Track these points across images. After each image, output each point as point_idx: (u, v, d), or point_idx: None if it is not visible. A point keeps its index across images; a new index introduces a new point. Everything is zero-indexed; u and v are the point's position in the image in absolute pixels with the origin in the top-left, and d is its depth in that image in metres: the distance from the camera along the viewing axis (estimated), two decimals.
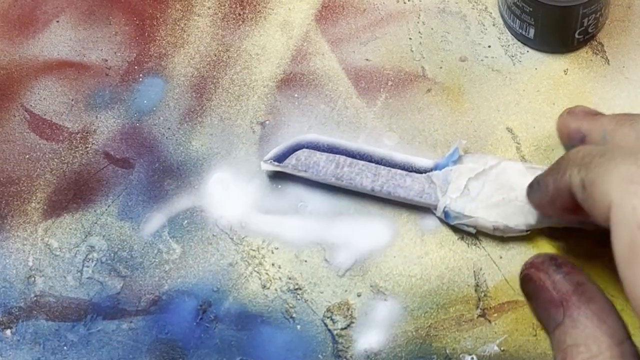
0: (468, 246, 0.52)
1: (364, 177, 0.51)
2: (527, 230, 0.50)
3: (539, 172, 0.48)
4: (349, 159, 0.51)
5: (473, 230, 0.50)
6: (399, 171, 0.51)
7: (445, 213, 0.50)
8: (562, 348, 0.44)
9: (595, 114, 0.50)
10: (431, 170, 0.51)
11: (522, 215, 0.49)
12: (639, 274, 0.36)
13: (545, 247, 0.51)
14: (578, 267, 0.46)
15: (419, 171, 0.51)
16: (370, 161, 0.51)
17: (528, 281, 0.46)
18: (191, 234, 0.53)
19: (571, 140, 0.50)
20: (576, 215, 0.44)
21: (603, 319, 0.43)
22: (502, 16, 0.56)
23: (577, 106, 0.51)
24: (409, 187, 0.50)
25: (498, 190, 0.50)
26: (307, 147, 0.51)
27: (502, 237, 0.51)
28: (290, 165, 0.51)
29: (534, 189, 0.47)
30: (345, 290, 0.51)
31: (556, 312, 0.45)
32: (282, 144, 0.52)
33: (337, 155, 0.51)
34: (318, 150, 0.51)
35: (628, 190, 0.38)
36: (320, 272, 0.52)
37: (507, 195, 0.50)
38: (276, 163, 0.51)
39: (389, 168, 0.51)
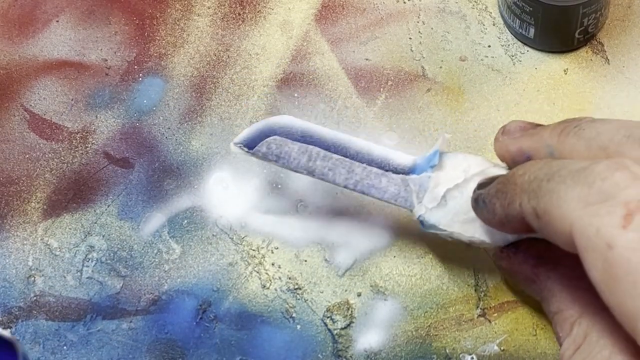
0: (468, 246, 0.51)
1: (337, 173, 0.48)
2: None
3: None
4: (322, 152, 0.48)
5: (449, 238, 0.48)
6: (375, 169, 0.48)
7: (420, 221, 0.48)
8: (551, 318, 0.44)
9: (534, 128, 0.46)
10: (410, 169, 0.48)
11: (500, 232, 0.46)
12: (622, 294, 0.35)
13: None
14: (535, 238, 0.45)
15: (397, 170, 0.48)
16: (345, 154, 0.48)
17: (502, 271, 0.47)
18: (191, 234, 0.53)
19: (516, 163, 0.46)
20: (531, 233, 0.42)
21: (576, 278, 0.43)
22: (502, 16, 0.56)
23: (511, 122, 0.47)
24: (384, 188, 0.48)
25: None
26: (279, 133, 0.48)
27: None
28: (260, 153, 0.48)
29: (479, 206, 0.45)
30: (345, 290, 0.51)
31: (533, 289, 0.46)
32: (254, 126, 0.48)
33: (310, 147, 0.48)
34: (291, 136, 0.48)
35: (587, 213, 0.36)
36: (320, 271, 0.52)
37: None
38: (246, 149, 0.48)
39: (364, 165, 0.48)
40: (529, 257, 0.46)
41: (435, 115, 0.55)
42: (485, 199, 0.44)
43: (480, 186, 0.46)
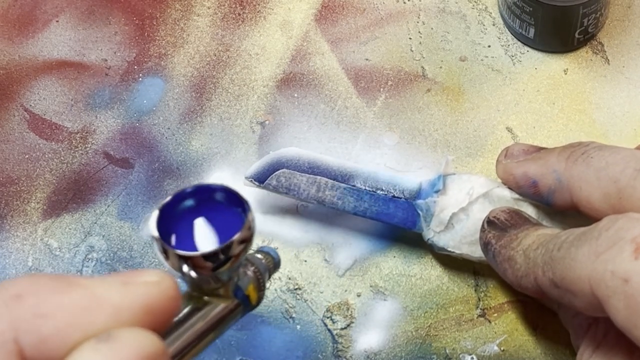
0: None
1: (346, 201, 0.50)
2: None
3: (525, 205, 0.47)
4: (330, 182, 0.50)
5: (460, 258, 0.49)
6: (382, 196, 0.50)
7: (430, 244, 0.49)
8: (568, 324, 0.44)
9: (537, 151, 0.46)
10: (416, 193, 0.49)
11: None
12: None
13: None
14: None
15: (403, 194, 0.49)
16: (352, 182, 0.50)
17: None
18: None
19: (521, 187, 0.47)
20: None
21: None
22: (502, 16, 0.56)
23: (515, 145, 0.48)
24: (392, 214, 0.49)
25: None
26: (287, 165, 0.50)
27: None
28: (270, 186, 0.50)
29: (489, 256, 0.45)
30: (345, 290, 0.51)
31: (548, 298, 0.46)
32: (262, 160, 0.50)
33: (319, 177, 0.50)
34: (299, 168, 0.50)
35: (599, 263, 0.36)
36: (320, 272, 0.52)
37: None
38: (257, 183, 0.50)
39: (372, 192, 0.50)
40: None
41: (435, 115, 0.55)
42: (496, 255, 0.44)
43: (490, 224, 0.45)
